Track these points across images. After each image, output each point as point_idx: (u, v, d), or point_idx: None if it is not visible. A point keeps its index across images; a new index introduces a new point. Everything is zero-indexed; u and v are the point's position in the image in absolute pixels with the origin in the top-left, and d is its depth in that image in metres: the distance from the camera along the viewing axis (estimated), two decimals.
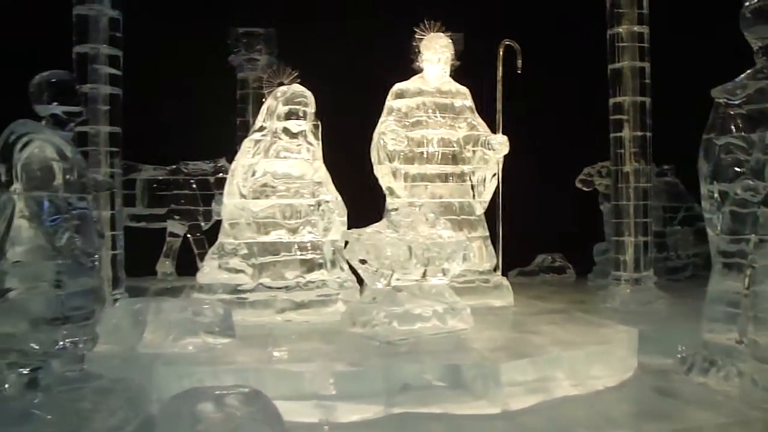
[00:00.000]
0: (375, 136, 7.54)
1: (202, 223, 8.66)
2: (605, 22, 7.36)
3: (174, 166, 8.57)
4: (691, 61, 8.59)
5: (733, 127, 5.21)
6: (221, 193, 8.10)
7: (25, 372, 4.17)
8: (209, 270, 6.85)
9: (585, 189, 9.36)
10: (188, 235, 8.79)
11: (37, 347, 4.11)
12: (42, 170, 4.21)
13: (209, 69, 9.55)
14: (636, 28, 7.12)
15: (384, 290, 6.08)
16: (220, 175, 8.23)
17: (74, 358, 4.46)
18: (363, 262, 6.04)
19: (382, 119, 7.69)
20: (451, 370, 5.22)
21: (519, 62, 7.52)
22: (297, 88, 6.89)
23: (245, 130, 10.12)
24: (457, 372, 5.21)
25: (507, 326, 6.55)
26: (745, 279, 5.21)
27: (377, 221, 7.78)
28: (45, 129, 4.35)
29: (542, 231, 9.41)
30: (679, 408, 5.07)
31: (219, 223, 8.53)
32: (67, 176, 4.31)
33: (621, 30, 7.15)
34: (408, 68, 7.90)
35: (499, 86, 7.50)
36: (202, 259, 8.62)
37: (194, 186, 8.47)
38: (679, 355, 5.78)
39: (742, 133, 5.17)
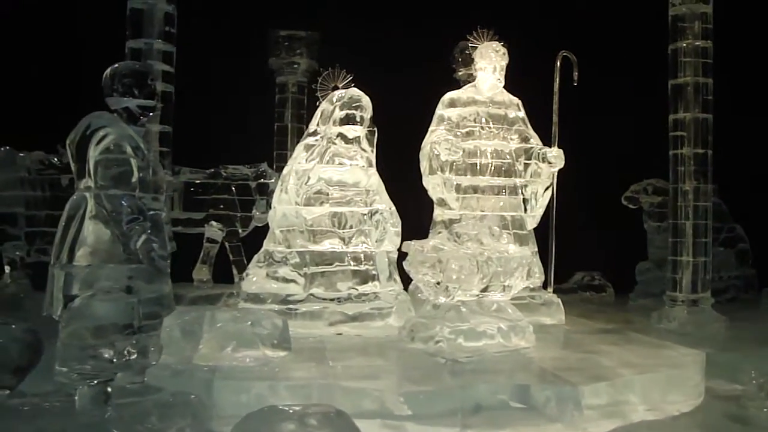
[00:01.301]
0: (426, 145, 7.33)
1: (240, 230, 8.40)
2: (667, 35, 7.20)
3: (213, 170, 8.30)
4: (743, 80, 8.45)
5: None
6: (263, 199, 7.90)
7: (94, 383, 3.92)
8: (257, 279, 6.60)
9: (631, 206, 9.20)
10: (225, 242, 8.52)
11: (109, 357, 3.86)
12: (119, 167, 3.96)
13: (248, 71, 9.32)
14: (700, 43, 6.97)
15: (447, 305, 5.87)
16: (262, 180, 8.00)
17: (139, 370, 4.23)
18: (425, 275, 5.82)
19: (432, 128, 7.49)
20: (525, 391, 5.02)
21: (576, 74, 7.36)
22: (355, 92, 6.67)
23: (283, 134, 9.93)
24: (533, 393, 5.01)
25: (567, 345, 6.34)
26: None
27: (422, 232, 7.64)
28: (121, 123, 4.10)
29: (583, 248, 9.22)
30: None
31: (257, 229, 8.33)
32: (141, 174, 4.07)
33: (684, 44, 6.99)
34: (450, 77, 7.74)
35: (556, 98, 7.33)
36: (238, 267, 8.37)
37: (234, 191, 8.20)
38: (754, 381, 5.58)
39: None
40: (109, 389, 3.93)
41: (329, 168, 6.60)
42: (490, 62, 7.42)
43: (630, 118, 8.94)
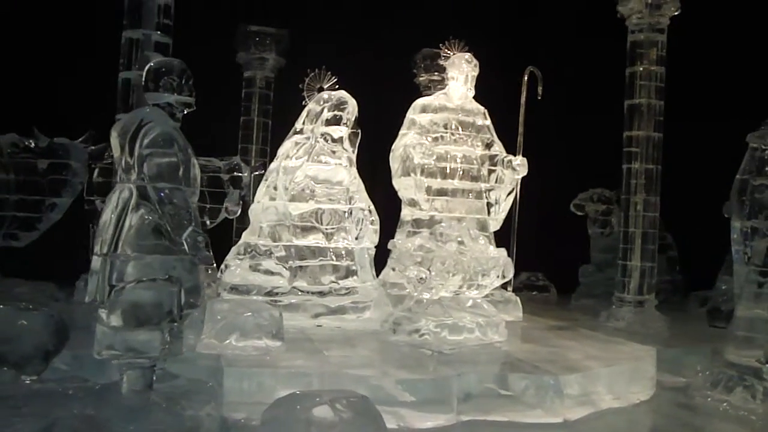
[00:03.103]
0: (399, 148, 7.66)
1: (208, 222, 8.44)
2: (624, 59, 7.85)
3: None
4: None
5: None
6: (235, 192, 8.00)
7: (138, 371, 4.06)
8: (239, 270, 6.76)
9: (578, 213, 9.89)
10: None
11: (156, 344, 4.01)
12: (168, 161, 4.10)
13: (215, 65, 9.35)
14: (654, 68, 7.65)
15: (429, 301, 6.25)
16: (235, 173, 8.11)
17: (166, 357, 4.37)
18: (411, 272, 6.18)
19: (403, 131, 7.83)
20: (512, 380, 5.46)
21: (540, 89, 7.89)
22: (343, 94, 6.95)
23: (249, 128, 9.99)
24: (512, 382, 5.46)
25: (532, 340, 6.84)
26: None
27: (388, 231, 7.98)
28: (168, 119, 4.24)
29: (526, 250, 9.85)
30: (710, 422, 5.60)
31: (226, 222, 8.41)
32: (183, 168, 4.23)
33: (641, 69, 7.66)
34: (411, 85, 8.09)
35: (522, 110, 7.84)
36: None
37: (203, 182, 8.21)
38: (699, 374, 6.27)
39: None
40: (154, 374, 4.07)
41: (315, 166, 6.85)
42: (461, 72, 7.84)
43: (582, 132, 9.61)
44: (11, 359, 4.31)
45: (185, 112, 4.49)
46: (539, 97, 7.91)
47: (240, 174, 7.97)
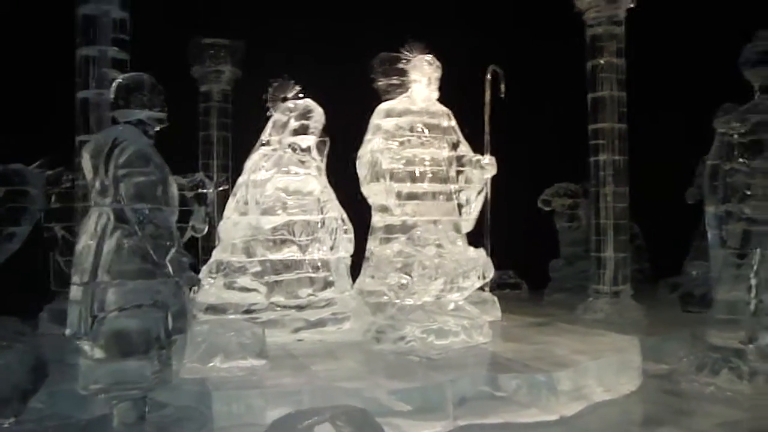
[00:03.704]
0: (366, 154, 7.53)
1: None
2: (584, 53, 7.91)
3: None
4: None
5: (737, 153, 5.85)
6: (200, 209, 7.79)
7: (130, 403, 3.85)
8: (214, 289, 6.55)
9: (546, 209, 9.93)
10: None
11: (146, 373, 3.81)
12: (144, 181, 3.91)
13: (170, 80, 9.07)
14: (616, 60, 7.73)
15: (412, 307, 6.16)
16: (200, 190, 7.89)
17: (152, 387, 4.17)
18: (391, 279, 6.09)
19: (368, 137, 7.71)
20: (504, 381, 5.41)
21: (502, 86, 7.88)
22: (309, 103, 6.82)
23: (208, 143, 9.74)
24: (503, 383, 5.41)
25: (515, 339, 6.78)
26: (751, 288, 5.83)
27: (359, 238, 7.86)
28: (143, 136, 4.05)
29: (496, 248, 9.87)
30: (700, 405, 5.63)
31: (192, 240, 8.18)
32: (161, 187, 4.05)
33: (602, 61, 7.73)
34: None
35: (487, 108, 7.81)
36: None
37: None
38: (683, 359, 6.32)
39: (745, 161, 5.82)
40: (146, 405, 3.86)
41: (284, 177, 6.69)
42: (424, 74, 7.76)
43: (544, 127, 9.67)
44: None
45: (157, 129, 4.31)
46: (502, 95, 7.90)
47: (205, 190, 7.75)
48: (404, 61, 7.99)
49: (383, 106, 7.90)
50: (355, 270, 7.43)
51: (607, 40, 7.73)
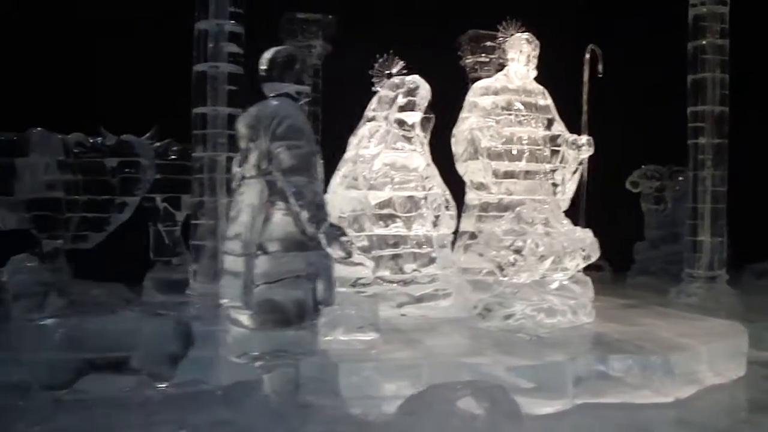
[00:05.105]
0: (464, 131, 7.53)
1: None
2: (686, 34, 7.77)
3: None
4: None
5: None
6: None
7: (282, 371, 3.97)
8: None
9: (633, 190, 9.85)
10: None
11: (304, 344, 3.93)
12: (300, 154, 3.97)
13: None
14: (719, 41, 7.58)
15: (519, 285, 6.20)
16: None
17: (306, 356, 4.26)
18: (500, 256, 6.13)
19: (464, 115, 7.70)
20: (616, 361, 5.45)
21: (600, 66, 7.81)
22: (416, 78, 6.85)
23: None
24: (623, 363, 5.45)
25: (615, 320, 6.79)
26: None
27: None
28: (298, 110, 4.12)
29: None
30: None
31: None
32: (313, 160, 4.11)
33: (704, 42, 7.59)
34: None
35: (586, 88, 7.74)
36: None
37: None
38: None
39: None
40: (298, 373, 3.99)
41: (392, 153, 6.75)
42: (522, 53, 7.73)
43: (637, 108, 9.55)
44: (143, 366, 4.22)
45: (302, 102, 4.37)
46: (600, 75, 7.82)
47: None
48: (501, 38, 7.96)
49: (480, 84, 7.89)
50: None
51: (711, 20, 7.57)
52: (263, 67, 4.22)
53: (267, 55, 4.23)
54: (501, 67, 9.46)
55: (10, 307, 5.01)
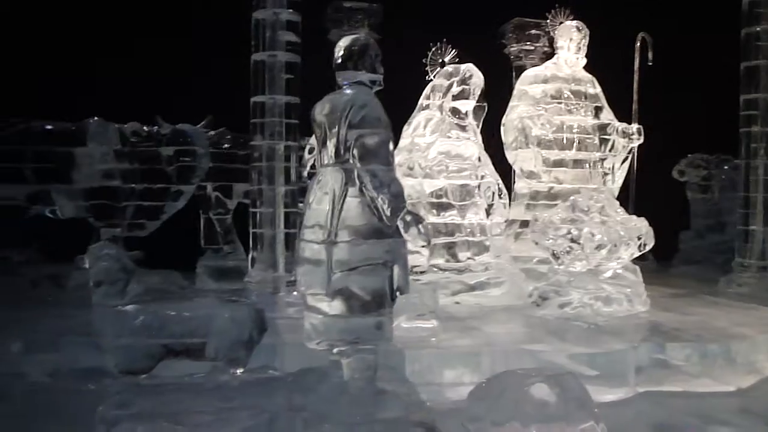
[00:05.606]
0: (514, 119, 7.54)
1: None
2: (739, 20, 7.67)
3: None
4: None
5: None
6: None
7: (361, 357, 4.03)
8: None
9: (680, 179, 9.80)
10: None
11: (380, 331, 3.99)
12: (378, 142, 3.99)
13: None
14: None
15: (575, 273, 6.22)
16: None
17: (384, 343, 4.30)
18: (557, 245, 6.15)
19: (513, 103, 7.72)
20: (675, 350, 5.48)
21: (650, 54, 7.77)
22: (470, 67, 6.87)
23: None
24: (682, 352, 5.47)
25: (668, 309, 6.80)
26: None
27: None
28: (375, 98, 4.13)
29: None
30: None
31: None
32: (390, 148, 4.14)
33: (758, 29, 7.50)
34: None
35: (636, 76, 7.72)
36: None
37: None
38: None
39: None
40: (376, 360, 4.04)
41: (447, 141, 6.78)
42: (572, 41, 7.70)
43: (686, 96, 9.45)
44: (220, 352, 4.31)
45: (375, 90, 4.39)
46: (650, 63, 7.79)
47: None
48: (550, 26, 7.94)
49: (530, 72, 7.89)
50: None
51: (766, 6, 7.47)
52: (339, 55, 4.23)
53: (342, 43, 4.24)
54: (545, 55, 9.50)
55: (92, 293, 5.14)
